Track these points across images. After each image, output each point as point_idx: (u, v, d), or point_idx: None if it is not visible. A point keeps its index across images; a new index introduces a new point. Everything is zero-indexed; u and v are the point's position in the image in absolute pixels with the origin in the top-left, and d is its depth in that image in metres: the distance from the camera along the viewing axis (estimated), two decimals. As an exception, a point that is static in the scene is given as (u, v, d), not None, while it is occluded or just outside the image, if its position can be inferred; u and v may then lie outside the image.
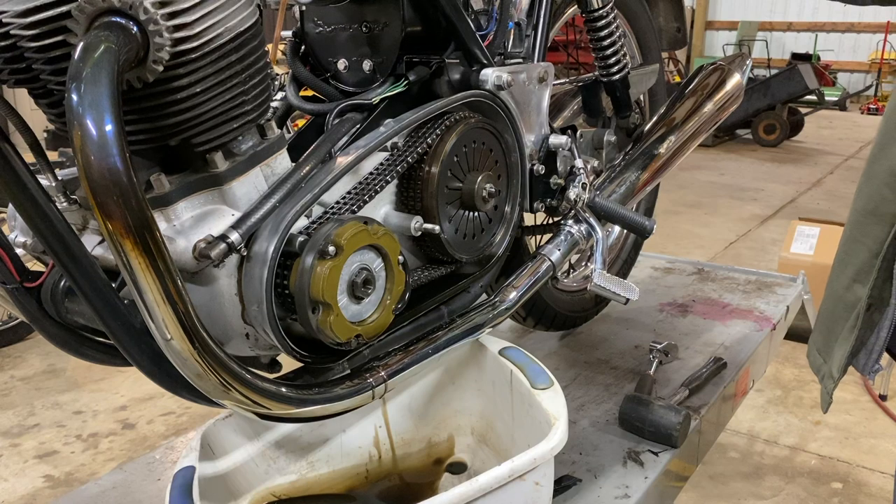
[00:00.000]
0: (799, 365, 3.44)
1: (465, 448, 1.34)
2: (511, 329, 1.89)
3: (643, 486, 1.31)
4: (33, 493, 2.64)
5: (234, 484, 1.19)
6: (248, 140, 0.95)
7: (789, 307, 2.08)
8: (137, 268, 0.75)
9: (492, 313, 1.26)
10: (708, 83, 1.74)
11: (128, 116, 0.85)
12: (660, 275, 2.34)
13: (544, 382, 1.14)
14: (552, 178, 1.39)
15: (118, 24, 0.76)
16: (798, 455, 2.83)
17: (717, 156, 7.81)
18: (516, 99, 1.29)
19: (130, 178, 0.72)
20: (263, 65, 0.93)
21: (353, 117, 1.13)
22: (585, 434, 1.47)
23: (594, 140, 1.61)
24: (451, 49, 1.21)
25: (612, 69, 1.60)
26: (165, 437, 2.92)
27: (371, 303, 1.02)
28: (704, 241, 5.18)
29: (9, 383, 3.37)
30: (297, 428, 1.26)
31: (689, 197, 6.19)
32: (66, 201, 0.96)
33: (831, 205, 5.88)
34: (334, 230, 0.93)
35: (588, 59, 1.73)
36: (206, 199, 0.93)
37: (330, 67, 1.25)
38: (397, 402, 1.34)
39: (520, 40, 1.43)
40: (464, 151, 1.17)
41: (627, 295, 1.36)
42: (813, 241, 3.82)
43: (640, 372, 1.69)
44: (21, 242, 1.02)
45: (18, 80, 0.85)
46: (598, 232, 1.42)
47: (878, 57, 12.43)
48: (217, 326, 0.94)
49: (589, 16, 1.55)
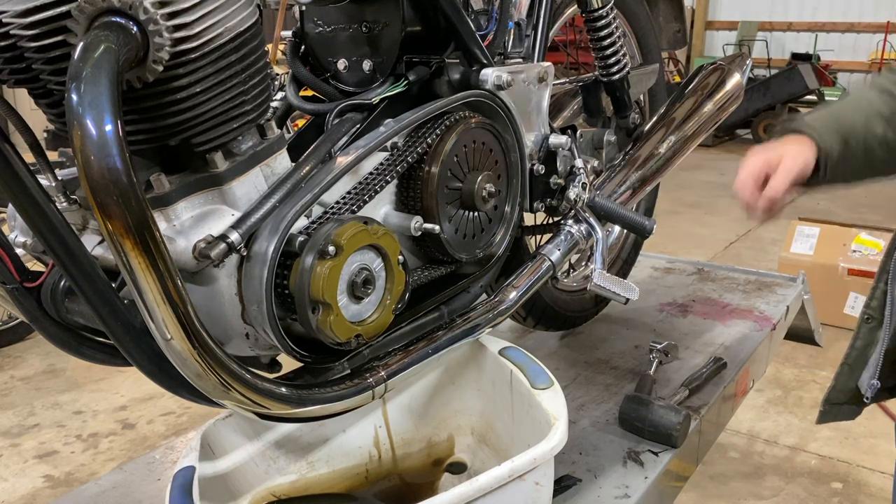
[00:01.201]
0: (799, 365, 3.44)
1: (465, 448, 1.34)
2: (511, 329, 1.89)
3: (643, 486, 1.31)
4: (33, 493, 2.64)
5: (234, 484, 1.19)
6: (248, 140, 0.95)
7: (789, 307, 2.07)
8: (137, 268, 0.75)
9: (492, 313, 1.26)
10: (708, 83, 1.74)
11: (128, 116, 0.85)
12: (660, 275, 2.34)
13: (544, 382, 1.14)
14: (552, 177, 1.39)
15: (118, 24, 0.76)
16: (798, 455, 2.83)
17: (717, 156, 7.81)
18: (516, 99, 1.29)
19: (130, 178, 0.72)
20: (263, 65, 0.93)
21: (353, 117, 1.13)
22: (585, 434, 1.47)
23: (594, 140, 1.61)
24: (451, 49, 1.21)
25: (612, 69, 1.60)
26: (165, 437, 2.92)
27: (371, 303, 1.01)
28: (704, 241, 5.18)
29: (9, 383, 3.37)
30: (297, 428, 1.26)
31: (689, 197, 6.19)
32: (66, 201, 0.96)
33: (831, 205, 5.88)
34: (334, 230, 0.93)
35: (588, 59, 1.73)
36: (206, 199, 0.93)
37: (330, 67, 1.25)
38: (397, 402, 1.34)
39: (520, 40, 1.43)
40: (464, 151, 1.17)
41: (627, 295, 1.36)
42: (813, 240, 3.83)
43: (640, 372, 1.69)
44: (21, 242, 1.02)
45: (18, 80, 0.85)
46: (598, 232, 1.42)
47: (878, 57, 12.43)
48: (217, 326, 0.94)
49: (589, 16, 1.55)
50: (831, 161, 1.21)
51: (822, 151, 1.21)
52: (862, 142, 1.22)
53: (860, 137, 1.21)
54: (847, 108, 1.25)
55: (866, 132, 1.21)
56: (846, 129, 1.22)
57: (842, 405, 1.44)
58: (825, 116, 1.25)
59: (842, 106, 1.27)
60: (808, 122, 1.24)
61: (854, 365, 1.39)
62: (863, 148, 1.22)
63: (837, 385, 1.42)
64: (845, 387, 1.41)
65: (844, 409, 1.44)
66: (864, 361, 1.37)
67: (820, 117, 1.25)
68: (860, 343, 1.38)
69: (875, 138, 1.21)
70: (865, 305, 1.38)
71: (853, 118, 1.22)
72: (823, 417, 1.47)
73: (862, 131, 1.21)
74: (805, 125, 1.22)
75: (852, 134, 1.22)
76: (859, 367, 1.38)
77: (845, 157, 1.21)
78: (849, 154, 1.21)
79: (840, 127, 1.22)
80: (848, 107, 1.26)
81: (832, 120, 1.23)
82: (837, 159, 1.21)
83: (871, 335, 1.36)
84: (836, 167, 1.22)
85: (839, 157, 1.21)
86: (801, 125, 1.23)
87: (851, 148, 1.21)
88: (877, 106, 1.22)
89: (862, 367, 1.38)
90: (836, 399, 1.43)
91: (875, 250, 3.84)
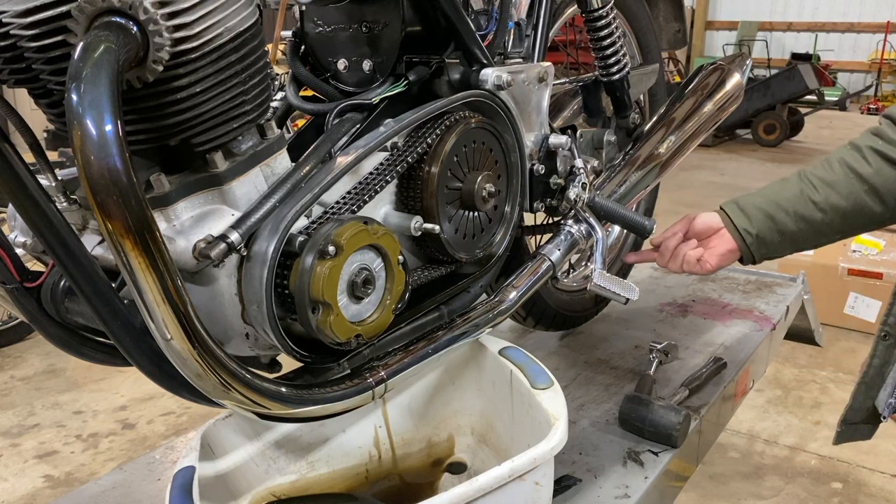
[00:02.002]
0: (799, 365, 3.44)
1: (465, 448, 1.34)
2: (511, 329, 1.89)
3: (643, 486, 1.31)
4: (33, 493, 2.64)
5: (234, 484, 1.19)
6: (248, 140, 0.95)
7: (789, 307, 2.08)
8: (137, 268, 0.75)
9: (492, 313, 1.26)
10: (708, 83, 1.74)
11: (128, 116, 0.85)
12: (660, 275, 2.34)
13: (544, 382, 1.14)
14: (552, 177, 1.39)
15: (118, 24, 0.75)
16: (798, 455, 2.83)
17: (717, 156, 7.81)
18: (516, 99, 1.29)
19: (130, 178, 0.72)
20: (263, 65, 0.93)
21: (353, 117, 1.13)
22: (585, 434, 1.47)
23: (594, 140, 1.61)
24: (451, 49, 1.21)
25: (612, 69, 1.60)
26: (165, 437, 2.92)
27: (371, 303, 1.01)
28: (704, 241, 5.17)
29: (9, 383, 3.37)
30: (297, 428, 1.26)
31: (689, 197, 6.19)
32: (66, 201, 0.96)
33: (831, 205, 5.88)
34: (334, 230, 0.93)
35: (588, 59, 1.73)
36: (206, 199, 0.93)
37: (330, 67, 1.25)
38: (397, 402, 1.34)
39: (520, 40, 1.43)
40: (464, 151, 1.17)
41: (627, 295, 1.36)
42: (813, 240, 3.82)
43: (640, 372, 1.69)
44: (21, 242, 1.02)
45: (18, 80, 0.85)
46: (598, 232, 1.42)
47: (878, 57, 12.44)
48: (217, 326, 0.94)
49: (589, 16, 1.55)
50: (755, 243, 1.32)
51: (748, 246, 1.32)
52: (803, 214, 1.28)
53: (800, 214, 1.28)
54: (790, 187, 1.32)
55: (806, 208, 1.28)
56: (781, 213, 1.30)
57: (858, 425, 1.41)
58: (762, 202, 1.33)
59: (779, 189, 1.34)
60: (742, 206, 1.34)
61: (871, 383, 1.36)
62: (801, 220, 1.29)
63: (854, 404, 1.39)
64: (862, 406, 1.38)
65: (861, 429, 1.41)
66: (881, 380, 1.34)
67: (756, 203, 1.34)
68: (877, 361, 1.34)
69: (816, 209, 1.28)
70: (882, 322, 1.33)
71: (794, 196, 1.30)
72: (840, 438, 1.44)
73: (801, 210, 1.28)
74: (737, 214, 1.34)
75: (786, 214, 1.29)
76: (876, 386, 1.35)
77: (772, 232, 1.31)
78: (784, 234, 1.30)
79: (773, 211, 1.30)
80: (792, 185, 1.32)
81: (767, 204, 1.32)
82: (763, 241, 1.32)
83: (888, 353, 1.33)
84: (767, 248, 1.32)
85: (765, 239, 1.32)
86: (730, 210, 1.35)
87: (786, 226, 1.30)
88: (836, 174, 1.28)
89: (879, 386, 1.35)
90: (853, 419, 1.40)
91: (875, 250, 3.84)
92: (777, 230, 1.30)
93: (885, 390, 1.34)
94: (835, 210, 1.26)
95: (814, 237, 1.30)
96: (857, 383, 1.38)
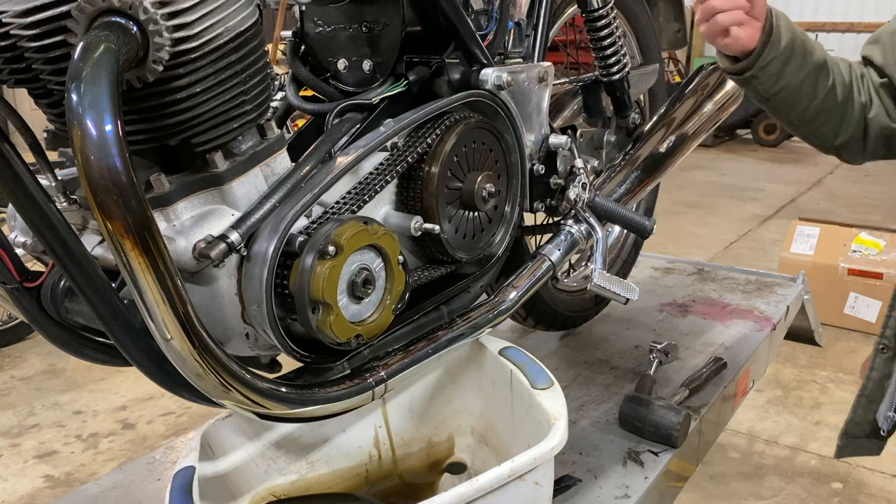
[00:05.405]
0: (799, 365, 3.44)
1: (465, 448, 1.34)
2: (511, 329, 1.89)
3: (643, 486, 1.31)
4: (33, 493, 2.63)
5: (234, 484, 1.19)
6: (247, 140, 0.95)
7: (789, 307, 2.07)
8: (137, 268, 0.75)
9: (492, 313, 1.26)
10: (708, 83, 1.74)
11: (128, 116, 0.85)
12: (660, 275, 2.34)
13: (544, 382, 1.14)
14: (552, 177, 1.39)
15: (118, 24, 0.76)
16: (798, 455, 2.83)
17: (717, 156, 7.80)
18: (516, 99, 1.29)
19: (130, 178, 0.72)
20: (263, 65, 0.93)
21: (353, 117, 1.13)
22: (585, 434, 1.47)
23: (594, 140, 1.61)
24: (451, 49, 1.21)
25: (612, 69, 1.60)
26: (165, 437, 2.92)
27: (371, 303, 1.01)
28: (704, 241, 5.17)
29: (9, 383, 3.37)
30: (297, 428, 1.26)
31: (689, 197, 6.19)
32: (66, 201, 0.96)
33: (831, 205, 5.88)
34: (334, 230, 0.93)
35: (588, 59, 1.73)
36: (206, 199, 0.93)
37: (330, 67, 1.25)
38: (397, 402, 1.34)
39: (520, 40, 1.43)
40: (464, 151, 1.17)
41: (627, 295, 1.36)
42: (813, 241, 3.82)
43: (640, 372, 1.69)
44: (21, 242, 1.02)
45: (18, 80, 0.85)
46: (598, 232, 1.42)
47: (878, 57, 12.42)
48: (217, 326, 0.94)
49: (589, 16, 1.55)
50: (772, 49, 1.17)
51: (772, 34, 1.17)
52: (811, 67, 1.19)
53: (809, 64, 1.19)
54: (817, 46, 1.23)
55: (816, 65, 1.19)
56: (802, 48, 1.19)
57: (860, 438, 1.39)
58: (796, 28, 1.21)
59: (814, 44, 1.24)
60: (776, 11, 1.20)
61: (871, 397, 1.34)
62: (805, 72, 1.19)
63: (855, 417, 1.38)
64: (863, 420, 1.37)
65: (865, 444, 1.39)
66: (881, 393, 1.33)
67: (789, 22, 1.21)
68: (876, 374, 1.33)
69: (820, 74, 1.19)
70: (880, 335, 1.32)
71: (817, 49, 1.21)
72: (841, 452, 1.42)
73: (813, 61, 1.19)
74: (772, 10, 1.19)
75: (804, 53, 1.19)
76: (877, 400, 1.34)
77: (786, 59, 1.18)
78: (789, 67, 1.18)
79: (800, 42, 1.19)
80: (818, 46, 1.23)
81: (799, 33, 1.21)
82: (778, 54, 1.17)
83: (886, 366, 1.31)
84: (771, 64, 1.18)
85: (780, 55, 1.17)
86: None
87: (796, 62, 1.18)
88: (841, 68, 1.21)
89: (880, 400, 1.33)
90: (854, 432, 1.39)
91: (875, 250, 3.84)
92: (793, 48, 1.20)
93: (885, 403, 1.32)
94: (832, 89, 1.21)
95: (801, 84, 1.22)
96: (858, 396, 1.37)
